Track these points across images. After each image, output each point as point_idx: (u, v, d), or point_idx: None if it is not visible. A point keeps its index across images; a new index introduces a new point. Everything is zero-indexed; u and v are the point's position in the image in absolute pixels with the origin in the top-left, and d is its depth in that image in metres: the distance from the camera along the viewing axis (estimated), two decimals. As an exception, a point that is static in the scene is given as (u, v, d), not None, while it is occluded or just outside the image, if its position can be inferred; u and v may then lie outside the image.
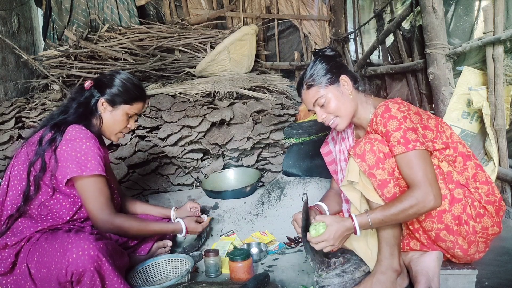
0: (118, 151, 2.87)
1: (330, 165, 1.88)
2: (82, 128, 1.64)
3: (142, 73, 3.45)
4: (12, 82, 3.54)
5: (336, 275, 1.54)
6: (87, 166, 1.57)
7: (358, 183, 1.49)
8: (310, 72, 1.62)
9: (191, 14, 4.32)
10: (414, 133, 1.43)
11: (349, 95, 1.61)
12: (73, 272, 1.37)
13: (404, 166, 1.43)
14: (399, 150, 1.42)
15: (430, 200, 1.37)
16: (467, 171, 1.55)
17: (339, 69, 1.63)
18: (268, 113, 3.12)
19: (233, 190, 2.54)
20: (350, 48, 4.35)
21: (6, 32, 3.50)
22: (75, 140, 1.59)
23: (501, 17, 2.09)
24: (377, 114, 1.50)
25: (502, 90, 2.14)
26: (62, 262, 1.38)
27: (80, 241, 1.40)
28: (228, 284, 1.72)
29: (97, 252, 1.39)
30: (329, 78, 1.60)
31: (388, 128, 1.45)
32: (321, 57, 1.66)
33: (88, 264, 1.37)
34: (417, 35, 2.77)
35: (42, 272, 1.44)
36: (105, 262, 1.42)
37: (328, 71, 1.60)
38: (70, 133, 1.61)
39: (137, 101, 1.79)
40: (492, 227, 1.50)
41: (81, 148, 1.59)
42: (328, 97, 1.59)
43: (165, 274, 1.83)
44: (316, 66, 1.62)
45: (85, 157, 1.58)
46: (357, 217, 1.44)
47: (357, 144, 1.51)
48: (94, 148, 1.61)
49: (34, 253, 1.48)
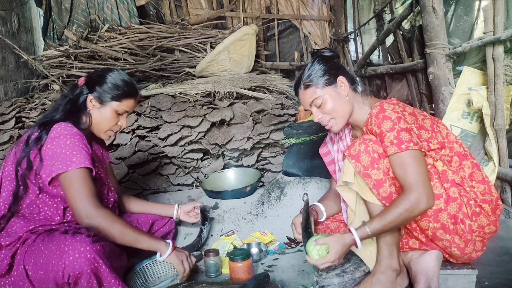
0: (118, 151, 2.87)
1: (329, 166, 1.89)
2: (68, 125, 1.61)
3: (142, 73, 3.46)
4: (12, 82, 3.54)
5: (336, 275, 1.54)
6: (73, 160, 1.53)
7: (354, 184, 1.50)
8: (308, 72, 1.63)
9: (191, 14, 4.32)
10: (407, 133, 1.43)
11: (346, 97, 1.61)
12: (69, 275, 1.36)
13: (397, 166, 1.43)
14: (392, 151, 1.42)
15: (423, 202, 1.39)
16: (463, 171, 1.55)
17: (337, 70, 1.63)
18: (268, 113, 3.12)
19: (233, 190, 2.54)
20: (350, 48, 4.35)
21: (6, 32, 3.50)
22: (59, 137, 1.56)
23: (501, 17, 2.09)
24: (372, 114, 1.51)
25: (502, 90, 2.14)
26: (59, 265, 1.37)
27: (77, 243, 1.39)
28: (228, 284, 1.72)
29: (94, 255, 1.38)
30: (326, 79, 1.60)
31: (382, 129, 1.46)
32: (319, 57, 1.66)
33: (85, 266, 1.36)
34: (417, 35, 2.77)
35: (40, 274, 1.43)
36: (102, 264, 1.40)
37: (325, 72, 1.61)
38: (55, 130, 1.58)
39: (126, 98, 1.74)
40: (488, 225, 1.50)
41: (65, 144, 1.55)
42: (325, 98, 1.60)
43: (164, 273, 1.81)
44: (314, 67, 1.62)
45: (70, 151, 1.54)
46: (356, 231, 1.45)
47: (351, 145, 1.53)
48: (79, 143, 1.57)
49: (31, 255, 1.47)
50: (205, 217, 2.19)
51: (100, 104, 1.71)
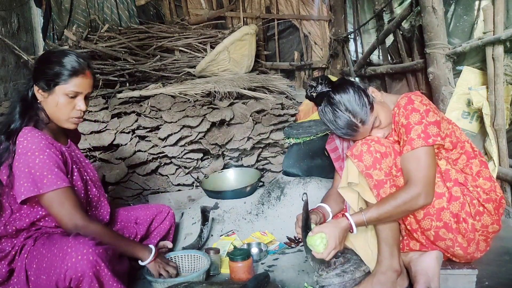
0: (118, 151, 2.87)
1: (336, 162, 1.83)
2: (34, 133, 1.48)
3: (142, 73, 3.45)
4: (12, 82, 3.54)
5: (336, 275, 1.54)
6: (43, 182, 1.44)
7: (357, 184, 1.49)
8: (352, 112, 1.48)
9: (191, 14, 4.32)
10: (436, 127, 1.43)
11: (381, 99, 1.57)
12: (71, 278, 1.33)
13: (411, 160, 1.43)
14: (419, 144, 1.41)
15: (422, 197, 1.40)
16: (470, 168, 1.56)
17: (358, 86, 1.53)
18: (268, 113, 3.12)
19: (233, 190, 2.53)
20: (350, 48, 4.36)
21: (6, 32, 3.49)
22: (27, 154, 1.44)
23: (501, 17, 2.09)
24: (400, 105, 1.50)
25: (502, 90, 2.14)
26: (61, 267, 1.34)
27: (79, 245, 1.35)
28: (228, 284, 1.72)
29: (96, 257, 1.35)
30: (367, 107, 1.49)
31: (410, 120, 1.45)
32: (336, 92, 1.50)
33: (86, 269, 1.33)
34: (417, 35, 2.77)
35: (42, 279, 1.41)
36: (104, 268, 1.37)
37: (361, 96, 1.49)
38: (21, 144, 1.46)
39: (72, 77, 1.52)
40: (492, 224, 1.50)
41: (34, 163, 1.44)
42: (377, 114, 1.51)
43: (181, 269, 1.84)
44: (349, 102, 1.47)
45: (40, 172, 1.44)
46: (352, 216, 1.47)
47: (354, 145, 1.52)
48: (49, 160, 1.46)
49: (33, 260, 1.44)
50: (205, 217, 2.19)
51: (47, 92, 1.52)
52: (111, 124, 2.88)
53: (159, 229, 2.02)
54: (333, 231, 1.46)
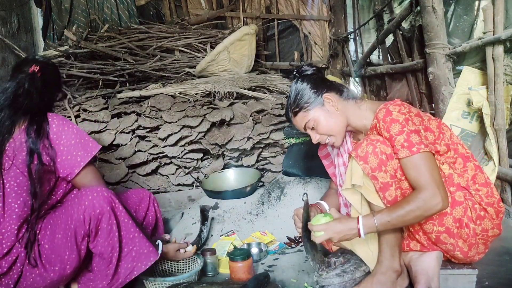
0: (118, 151, 2.87)
1: (328, 168, 1.86)
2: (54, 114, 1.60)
3: (142, 73, 3.45)
4: (12, 82, 3.53)
5: (336, 275, 1.54)
6: (90, 146, 1.57)
7: (362, 186, 1.47)
8: (292, 99, 1.61)
9: (191, 14, 4.32)
10: (417, 135, 1.41)
11: (336, 111, 1.58)
12: (90, 217, 1.39)
13: (410, 169, 1.41)
14: (404, 154, 1.40)
15: (438, 203, 1.35)
16: (467, 173, 1.54)
17: (320, 87, 1.60)
18: (268, 113, 3.12)
19: (233, 190, 2.53)
20: (350, 48, 4.36)
21: (6, 33, 3.49)
22: (64, 129, 1.55)
23: (501, 17, 2.09)
24: (379, 118, 1.48)
25: (502, 90, 2.14)
26: (78, 210, 1.41)
27: (92, 188, 1.46)
28: (228, 284, 1.72)
29: (110, 194, 1.45)
30: (312, 101, 1.58)
31: (391, 133, 1.43)
32: (299, 79, 1.63)
33: (104, 203, 1.41)
34: (417, 35, 2.77)
35: (57, 239, 1.44)
36: (119, 205, 1.46)
37: (309, 94, 1.58)
38: (54, 123, 1.54)
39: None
40: (492, 229, 1.50)
41: (75, 134, 1.56)
42: (316, 119, 1.58)
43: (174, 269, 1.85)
44: (297, 91, 1.60)
45: (84, 139, 1.57)
46: (363, 218, 1.42)
47: (358, 146, 1.49)
48: (80, 128, 1.60)
49: (46, 228, 1.48)
50: (204, 216, 2.19)
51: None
52: (111, 124, 2.88)
53: (147, 220, 1.97)
54: (338, 221, 1.46)
